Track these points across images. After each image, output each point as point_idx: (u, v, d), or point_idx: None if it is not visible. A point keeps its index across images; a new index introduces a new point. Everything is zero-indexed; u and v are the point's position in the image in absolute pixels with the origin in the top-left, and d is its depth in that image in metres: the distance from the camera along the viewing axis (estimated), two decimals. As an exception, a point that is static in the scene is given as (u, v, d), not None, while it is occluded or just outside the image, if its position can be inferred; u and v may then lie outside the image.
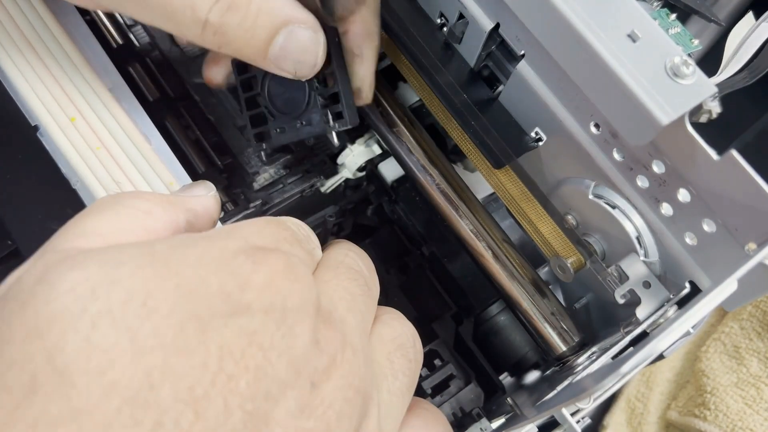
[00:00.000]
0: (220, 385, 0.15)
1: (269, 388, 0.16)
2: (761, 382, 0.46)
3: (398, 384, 0.21)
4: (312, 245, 0.22)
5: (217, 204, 0.23)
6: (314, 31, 0.26)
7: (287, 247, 0.20)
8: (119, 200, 0.19)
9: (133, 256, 0.16)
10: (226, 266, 0.17)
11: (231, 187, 0.33)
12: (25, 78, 0.28)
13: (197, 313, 0.16)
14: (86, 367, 0.14)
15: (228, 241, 0.18)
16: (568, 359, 0.30)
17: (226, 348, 0.15)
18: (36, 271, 0.16)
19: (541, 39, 0.22)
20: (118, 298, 0.15)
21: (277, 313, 0.17)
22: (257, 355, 0.16)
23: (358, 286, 0.21)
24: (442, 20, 0.30)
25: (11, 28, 0.29)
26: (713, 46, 0.37)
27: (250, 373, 0.15)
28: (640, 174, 0.25)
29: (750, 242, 0.22)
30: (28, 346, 0.14)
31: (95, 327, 0.15)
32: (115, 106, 0.29)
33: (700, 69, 0.20)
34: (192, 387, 0.15)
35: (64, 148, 0.27)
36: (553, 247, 0.29)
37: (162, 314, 0.15)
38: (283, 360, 0.16)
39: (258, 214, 0.34)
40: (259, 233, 0.19)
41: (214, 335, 0.15)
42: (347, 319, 0.19)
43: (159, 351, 0.15)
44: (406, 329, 0.23)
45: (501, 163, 0.29)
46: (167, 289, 0.16)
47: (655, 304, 0.26)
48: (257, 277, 0.17)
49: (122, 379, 0.14)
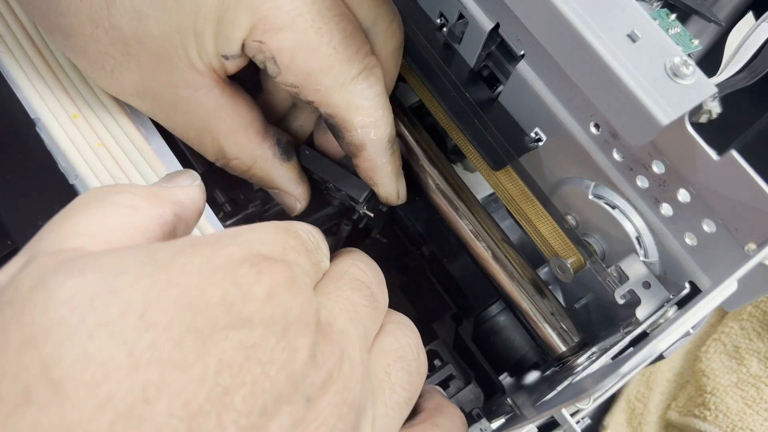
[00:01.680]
0: (216, 399, 0.15)
1: (266, 403, 0.15)
2: (761, 382, 0.46)
3: (395, 397, 0.20)
4: (320, 256, 0.22)
5: (203, 194, 0.23)
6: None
7: (293, 256, 0.19)
8: (104, 196, 0.19)
9: (134, 265, 0.16)
10: (229, 276, 0.17)
11: (230, 187, 0.33)
12: (25, 73, 0.28)
13: (197, 325, 0.15)
14: (81, 379, 0.14)
15: (232, 248, 0.17)
16: (568, 359, 0.30)
17: (224, 362, 0.15)
18: (33, 276, 0.16)
19: (541, 39, 0.22)
20: (116, 310, 0.15)
21: (278, 326, 0.16)
22: (255, 370, 0.16)
23: (361, 297, 0.21)
24: (442, 20, 0.30)
25: (15, 26, 0.29)
26: (713, 46, 0.37)
27: (247, 387, 0.15)
28: (640, 174, 0.25)
29: (750, 242, 0.22)
30: (23, 355, 0.14)
31: (92, 339, 0.14)
32: (116, 104, 0.29)
33: (700, 69, 0.20)
34: (187, 402, 0.14)
35: (64, 143, 0.27)
36: (552, 247, 0.29)
37: (160, 327, 0.15)
38: (282, 374, 0.16)
39: (257, 214, 0.33)
40: (266, 241, 0.19)
41: (212, 348, 0.15)
42: (347, 331, 0.19)
43: (156, 365, 0.15)
44: (409, 340, 0.22)
45: (501, 163, 0.29)
46: (167, 301, 0.15)
47: (655, 305, 0.26)
48: (259, 288, 0.17)
49: (117, 393, 0.14)
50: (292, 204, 0.31)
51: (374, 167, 0.29)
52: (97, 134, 0.28)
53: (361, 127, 0.27)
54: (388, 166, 0.29)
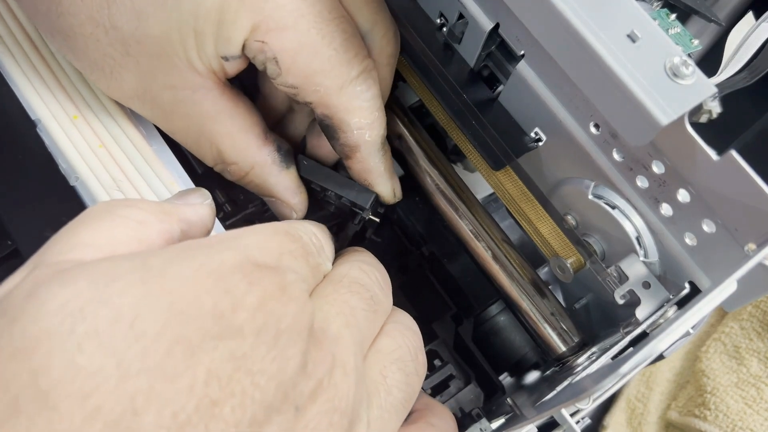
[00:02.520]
0: (205, 410, 0.15)
1: (255, 413, 0.15)
2: (761, 382, 0.46)
3: (391, 400, 0.20)
4: (321, 258, 0.22)
5: (212, 213, 0.23)
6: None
7: (289, 261, 0.19)
8: (112, 209, 0.19)
9: (125, 272, 0.16)
10: (221, 284, 0.16)
11: (230, 187, 0.33)
12: (26, 75, 0.28)
13: (187, 335, 0.15)
14: (70, 390, 0.14)
15: (226, 254, 0.17)
16: (568, 359, 0.30)
17: (213, 372, 0.15)
18: (27, 286, 0.16)
19: (541, 39, 0.22)
20: (106, 319, 0.15)
21: (269, 335, 0.16)
22: (245, 380, 0.15)
23: (360, 300, 0.21)
24: (442, 20, 0.30)
25: (15, 27, 0.29)
26: (713, 46, 0.37)
27: (236, 398, 0.15)
28: (640, 174, 0.25)
29: (750, 242, 0.22)
30: (12, 365, 0.14)
31: (81, 349, 0.14)
32: (117, 106, 0.29)
33: (700, 69, 0.20)
34: (176, 413, 0.14)
35: (64, 144, 0.27)
36: (552, 247, 0.29)
37: (150, 336, 0.15)
38: (272, 384, 0.16)
39: (257, 214, 0.34)
40: (262, 246, 0.19)
41: (202, 358, 0.15)
42: (342, 336, 0.19)
43: (145, 375, 0.14)
44: (407, 341, 0.22)
45: (501, 163, 0.29)
46: (158, 309, 0.15)
47: (655, 305, 0.26)
48: (251, 298, 0.17)
49: (106, 403, 0.14)
50: (288, 214, 0.30)
51: (367, 168, 0.29)
52: (97, 135, 0.28)
53: (357, 128, 0.27)
54: (381, 166, 0.29)
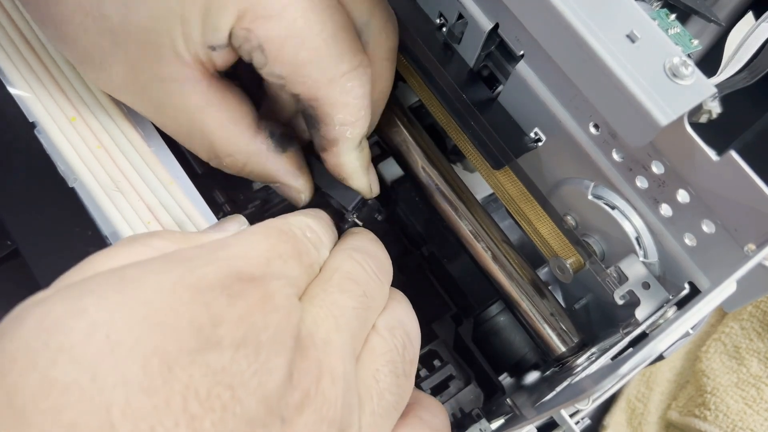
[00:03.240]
0: (183, 425, 0.14)
1: (236, 427, 0.15)
2: (761, 382, 0.46)
3: (384, 403, 0.20)
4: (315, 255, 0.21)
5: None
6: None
7: (278, 266, 0.19)
8: (135, 239, 0.19)
9: (102, 283, 0.16)
10: (201, 297, 0.16)
11: (229, 187, 0.33)
12: (23, 77, 0.28)
13: (164, 348, 0.15)
14: (44, 406, 0.14)
15: (208, 268, 0.17)
16: (568, 360, 0.30)
17: (191, 386, 0.15)
18: (17, 309, 0.15)
19: (540, 39, 0.22)
20: (81, 331, 0.14)
21: (250, 348, 0.16)
22: (225, 394, 0.15)
23: (350, 298, 0.20)
24: (441, 20, 0.30)
25: (10, 28, 0.29)
26: (713, 46, 0.37)
27: (216, 413, 0.15)
28: (640, 174, 0.25)
29: (749, 243, 0.22)
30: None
31: (55, 363, 0.14)
32: (114, 106, 0.29)
33: (700, 69, 0.20)
34: (153, 427, 0.14)
35: (63, 145, 0.27)
36: (552, 247, 0.29)
37: (126, 348, 0.15)
38: (254, 398, 0.15)
39: (257, 214, 0.34)
40: (248, 255, 0.18)
41: (179, 373, 0.15)
42: (330, 341, 0.19)
43: (120, 389, 0.14)
44: (396, 341, 0.22)
45: (500, 163, 0.29)
46: (133, 321, 0.15)
47: (655, 305, 0.26)
48: (231, 311, 0.16)
49: (81, 418, 0.14)
50: (296, 197, 0.30)
51: (341, 163, 0.28)
52: (96, 136, 0.28)
53: (340, 124, 0.26)
54: (356, 162, 0.28)
